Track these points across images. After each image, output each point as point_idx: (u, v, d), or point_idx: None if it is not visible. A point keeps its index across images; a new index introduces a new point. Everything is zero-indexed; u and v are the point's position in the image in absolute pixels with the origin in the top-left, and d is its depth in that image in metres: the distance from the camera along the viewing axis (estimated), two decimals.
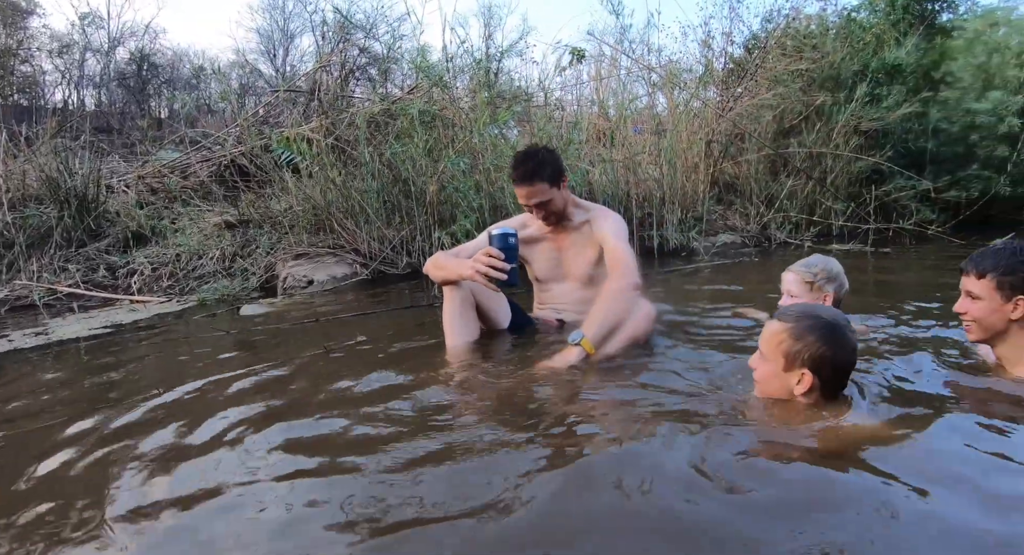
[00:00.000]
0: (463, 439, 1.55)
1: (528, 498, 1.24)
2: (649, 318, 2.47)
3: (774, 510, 1.20)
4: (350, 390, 2.07)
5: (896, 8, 9.71)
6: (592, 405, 1.86)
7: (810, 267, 2.59)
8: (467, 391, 2.03)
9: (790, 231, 6.54)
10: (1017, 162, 7.94)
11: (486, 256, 2.30)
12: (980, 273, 1.89)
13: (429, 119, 5.52)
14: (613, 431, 1.63)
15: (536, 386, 2.01)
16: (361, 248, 5.35)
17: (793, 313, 1.68)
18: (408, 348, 2.76)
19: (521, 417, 1.73)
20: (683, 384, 2.00)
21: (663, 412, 1.72)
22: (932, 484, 1.25)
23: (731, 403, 1.78)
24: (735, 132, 6.85)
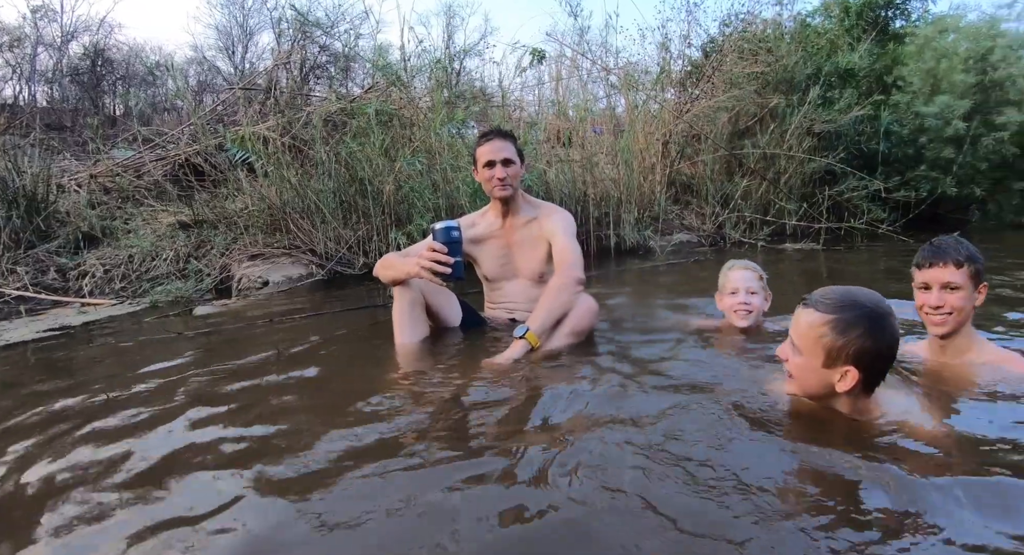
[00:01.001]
0: (406, 439, 1.54)
1: (470, 500, 1.23)
2: (592, 312, 2.52)
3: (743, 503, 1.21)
4: (300, 390, 2.06)
5: (850, 14, 9.97)
6: (534, 400, 1.87)
7: (754, 266, 2.67)
8: (414, 389, 2.02)
9: (744, 231, 6.67)
10: (962, 164, 8.24)
11: (429, 251, 2.32)
12: (958, 263, 1.91)
13: (386, 118, 5.49)
14: (553, 428, 1.63)
15: (481, 383, 2.02)
16: (317, 248, 5.30)
17: (833, 301, 1.49)
18: (360, 348, 2.75)
19: (466, 414, 1.74)
20: (621, 377, 2.03)
21: (606, 408, 1.73)
22: None
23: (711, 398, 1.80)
24: (691, 133, 6.96)
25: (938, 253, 1.95)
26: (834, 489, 1.25)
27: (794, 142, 7.09)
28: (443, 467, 1.38)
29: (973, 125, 8.19)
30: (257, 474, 1.38)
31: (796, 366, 1.56)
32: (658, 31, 7.71)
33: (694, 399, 1.77)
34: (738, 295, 2.60)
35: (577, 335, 2.47)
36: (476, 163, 2.79)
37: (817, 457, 1.39)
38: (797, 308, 1.57)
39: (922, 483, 1.25)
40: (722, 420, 1.59)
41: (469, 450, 1.47)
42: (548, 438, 1.54)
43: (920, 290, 2.00)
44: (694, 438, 1.48)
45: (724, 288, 2.67)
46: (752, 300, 2.59)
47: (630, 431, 1.52)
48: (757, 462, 1.36)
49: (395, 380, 2.14)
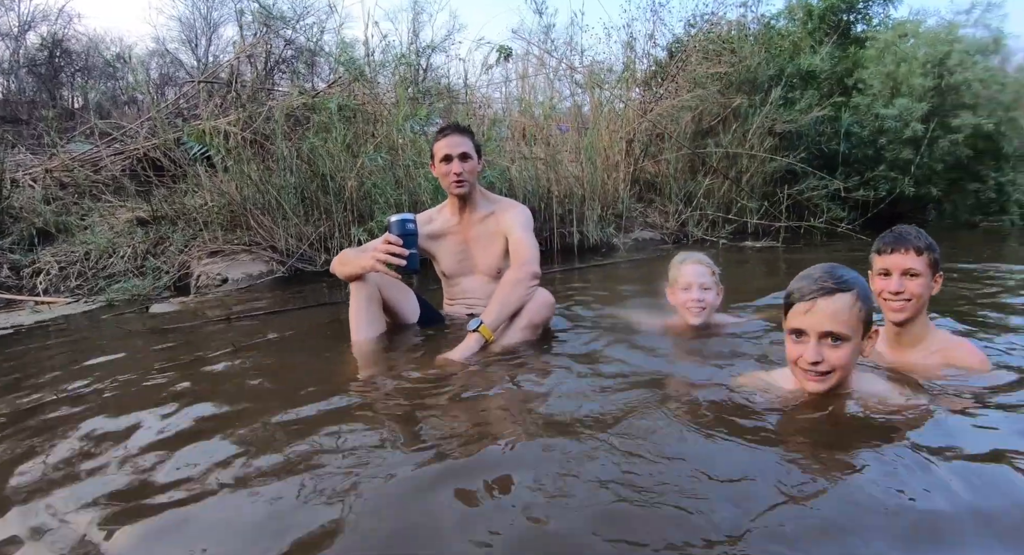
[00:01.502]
0: (359, 438, 1.52)
1: (427, 501, 1.22)
2: (547, 306, 2.51)
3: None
4: (255, 388, 2.02)
5: (813, 17, 10.17)
6: (488, 397, 1.86)
7: (707, 259, 2.61)
8: (368, 387, 2.00)
9: (707, 229, 6.77)
10: (920, 164, 8.45)
11: (384, 243, 2.30)
12: (919, 250, 1.94)
13: (350, 114, 5.45)
14: (507, 425, 1.62)
15: (435, 379, 2.00)
16: (278, 245, 5.23)
17: (842, 277, 1.54)
18: (317, 345, 2.72)
19: (419, 412, 1.71)
20: (577, 373, 2.02)
21: (564, 405, 1.71)
22: None
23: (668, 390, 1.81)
24: (655, 132, 7.03)
25: (900, 240, 1.98)
26: (839, 479, 1.26)
27: (756, 142, 7.22)
28: (397, 466, 1.36)
29: (930, 127, 8.39)
30: (209, 474, 1.35)
31: (843, 356, 1.54)
32: (623, 30, 7.75)
33: (652, 395, 1.76)
34: (691, 291, 2.52)
35: (533, 329, 2.45)
36: (433, 158, 2.76)
37: (793, 448, 1.40)
38: (818, 302, 1.52)
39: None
40: (681, 416, 1.58)
41: (423, 449, 1.44)
42: (502, 435, 1.52)
43: (880, 276, 2.02)
44: (653, 435, 1.47)
45: (676, 283, 2.58)
46: (705, 296, 2.52)
47: (588, 428, 1.52)
48: (728, 459, 1.34)
49: (350, 377, 2.12)
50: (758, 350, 2.24)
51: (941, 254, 1.99)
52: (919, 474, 1.24)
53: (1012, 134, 9.16)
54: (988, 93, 8.96)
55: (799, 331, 1.57)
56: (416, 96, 6.04)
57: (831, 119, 8.25)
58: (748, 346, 2.33)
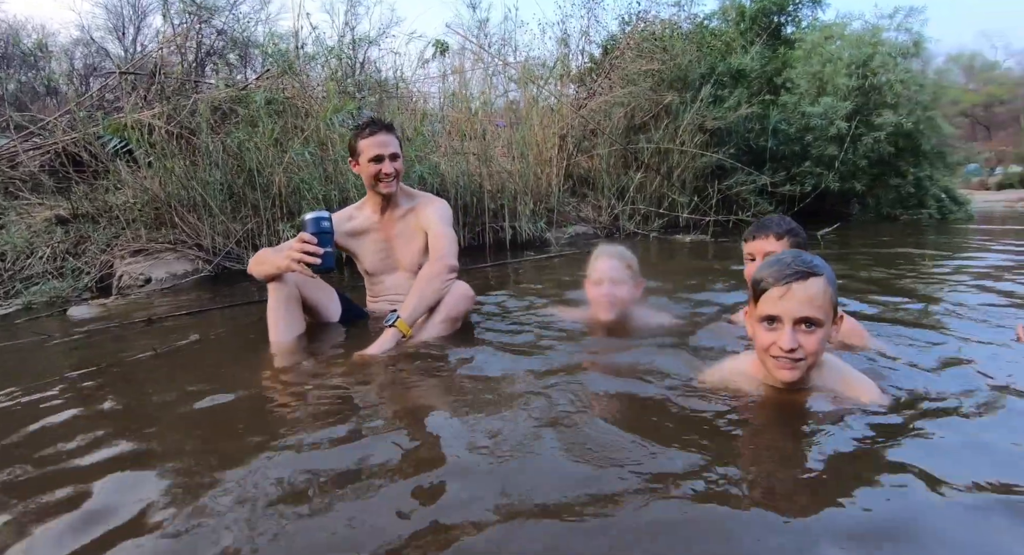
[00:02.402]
0: (275, 435, 1.49)
1: (334, 492, 1.21)
2: (466, 298, 2.50)
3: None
4: (171, 391, 1.95)
5: (745, 19, 10.51)
6: (405, 392, 1.84)
7: (623, 253, 2.53)
8: (286, 385, 1.96)
9: (639, 223, 6.91)
10: (844, 160, 8.83)
11: (298, 242, 2.24)
12: (779, 234, 2.11)
13: (278, 107, 5.35)
14: (425, 421, 1.60)
15: (351, 377, 1.97)
16: (204, 243, 5.09)
17: (803, 263, 1.52)
18: (241, 345, 2.63)
19: (336, 411, 1.68)
20: (498, 366, 2.01)
21: (484, 397, 1.71)
22: None
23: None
24: (589, 127, 7.14)
25: (761, 227, 2.17)
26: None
27: (687, 138, 7.40)
28: (313, 466, 1.33)
29: (853, 125, 8.78)
30: (125, 481, 1.31)
31: (817, 342, 1.51)
32: (557, 27, 7.83)
33: (567, 387, 1.76)
34: (603, 286, 2.43)
35: (451, 322, 2.44)
36: (357, 155, 2.68)
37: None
38: (793, 286, 1.50)
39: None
40: (596, 406, 1.60)
41: (339, 450, 1.42)
42: (422, 433, 1.50)
43: (748, 261, 2.20)
44: (576, 427, 1.47)
45: (591, 276, 2.50)
46: (616, 291, 2.43)
47: (510, 423, 1.49)
48: (658, 449, 1.36)
49: (269, 378, 2.06)
50: (669, 349, 2.20)
51: (806, 239, 2.16)
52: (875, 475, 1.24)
53: (930, 132, 9.66)
54: (908, 93, 9.42)
55: (772, 318, 1.53)
56: (348, 90, 5.98)
57: (760, 116, 8.54)
58: (658, 344, 2.26)
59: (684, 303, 3.06)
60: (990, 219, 11.99)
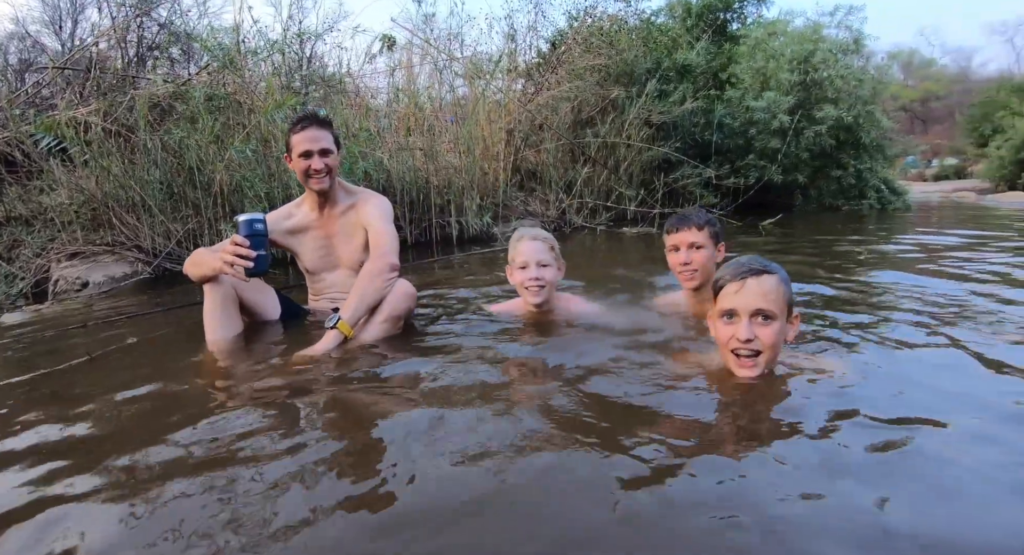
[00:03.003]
0: (212, 437, 1.46)
1: (271, 492, 1.19)
2: (408, 297, 2.46)
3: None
4: (105, 396, 1.87)
5: (692, 15, 10.71)
6: (348, 395, 1.82)
7: (544, 235, 2.51)
8: (223, 387, 1.92)
9: (586, 216, 6.99)
10: (787, 153, 9.09)
11: (231, 245, 2.20)
12: (699, 226, 2.28)
13: (220, 103, 5.26)
14: (358, 416, 1.59)
15: (290, 378, 1.94)
16: (143, 244, 4.95)
17: (759, 263, 1.64)
18: (178, 348, 2.55)
19: (274, 414, 1.65)
20: (440, 365, 2.00)
21: (429, 399, 1.68)
22: None
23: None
24: (536, 122, 7.18)
25: (683, 219, 2.32)
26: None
27: (633, 132, 7.52)
28: (251, 467, 1.31)
29: (796, 119, 9.05)
30: (63, 490, 1.27)
31: (772, 334, 1.61)
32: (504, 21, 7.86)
33: (509, 382, 1.76)
34: (529, 269, 2.39)
35: (394, 321, 2.40)
36: (290, 151, 2.62)
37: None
38: (747, 281, 1.61)
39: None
40: (538, 397, 1.61)
41: (278, 450, 1.39)
42: (362, 434, 1.48)
43: (671, 252, 2.34)
44: (519, 420, 1.48)
45: (514, 261, 2.46)
46: (544, 274, 2.40)
47: (452, 421, 1.49)
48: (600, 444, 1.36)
49: (204, 380, 2.02)
50: (600, 336, 2.21)
51: (722, 228, 2.32)
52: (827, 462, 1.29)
53: (869, 126, 9.98)
54: (848, 88, 9.73)
55: (731, 312, 1.64)
56: (292, 85, 5.91)
57: (705, 111, 8.72)
58: (595, 340, 2.24)
59: (619, 292, 3.09)
60: (927, 208, 12.53)
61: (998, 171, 19.66)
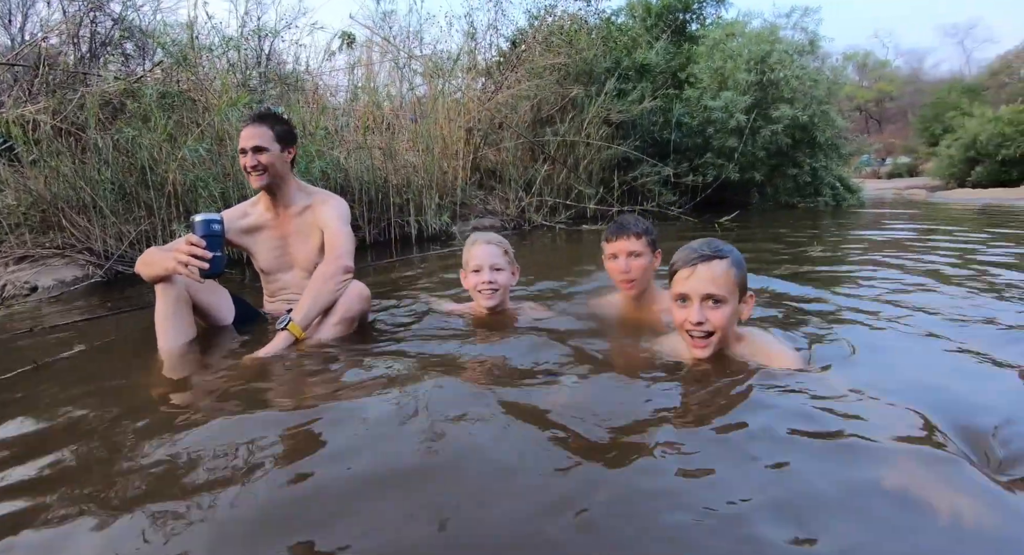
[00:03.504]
0: (161, 444, 1.43)
1: (222, 498, 1.18)
2: (362, 299, 2.43)
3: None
4: (53, 405, 1.82)
5: (652, 15, 10.87)
6: (300, 399, 1.80)
7: (499, 239, 2.51)
8: (174, 393, 1.87)
9: (546, 214, 7.05)
10: (744, 152, 9.30)
11: (186, 245, 2.15)
12: (638, 234, 2.27)
13: (172, 101, 5.18)
14: (310, 419, 1.56)
15: (244, 380, 1.90)
16: (95, 247, 4.83)
17: (718, 247, 1.73)
18: (127, 353, 2.48)
19: (225, 416, 1.62)
20: (395, 367, 1.97)
21: (383, 403, 1.66)
22: None
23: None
24: (496, 121, 7.21)
25: (622, 228, 2.30)
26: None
27: (592, 130, 7.60)
28: (201, 472, 1.30)
29: (753, 118, 9.25)
30: (5, 508, 1.24)
31: (723, 317, 1.71)
32: (464, 19, 7.87)
33: (463, 385, 1.75)
34: (482, 273, 2.41)
35: (347, 323, 2.37)
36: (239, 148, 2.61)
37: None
38: (698, 267, 1.71)
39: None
40: (494, 401, 1.61)
41: (228, 456, 1.37)
42: (314, 438, 1.46)
43: (610, 260, 2.33)
44: (476, 422, 1.48)
45: (467, 265, 2.47)
46: (497, 277, 2.41)
47: (406, 424, 1.49)
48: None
49: (158, 388, 1.96)
50: (559, 348, 2.14)
51: (658, 235, 2.35)
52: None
53: (824, 125, 10.28)
54: (803, 88, 9.99)
55: (684, 296, 1.74)
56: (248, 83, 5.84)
57: (663, 110, 8.86)
58: (548, 339, 2.20)
59: (569, 293, 3.12)
60: (881, 204, 12.94)
61: (948, 169, 20.38)
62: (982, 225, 6.92)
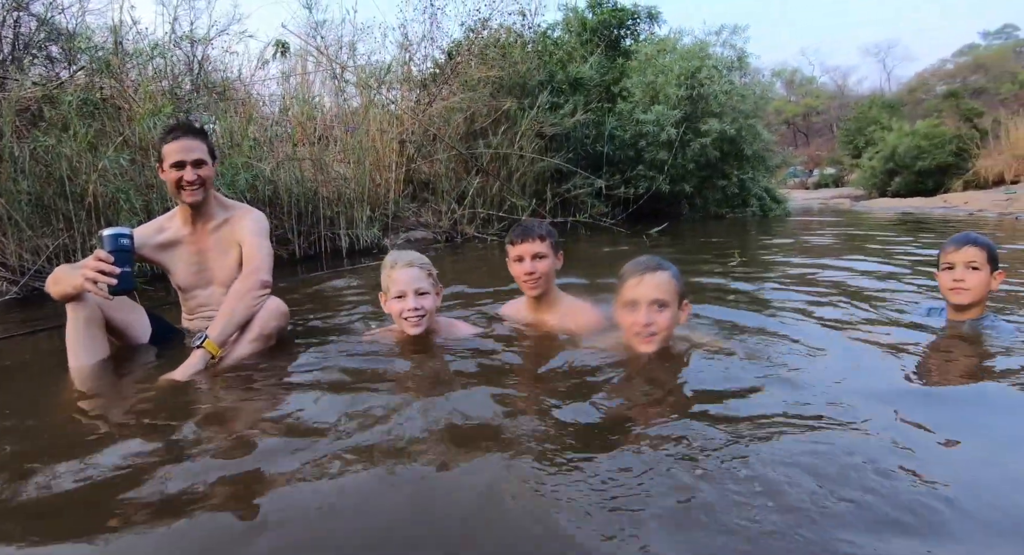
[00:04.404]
0: (72, 474, 1.40)
1: (137, 520, 1.18)
2: (279, 314, 2.40)
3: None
4: None
5: (587, 30, 11.16)
6: (213, 412, 1.78)
7: (421, 260, 2.38)
8: (84, 416, 1.81)
9: (479, 226, 7.14)
10: (674, 164, 9.62)
11: (94, 260, 2.07)
12: (542, 237, 2.38)
13: (93, 109, 5.03)
14: (226, 440, 1.56)
15: (159, 401, 1.87)
16: (9, 261, 4.64)
17: (654, 262, 2.02)
18: (38, 374, 2.41)
19: (139, 440, 1.58)
20: (305, 379, 1.99)
21: (304, 421, 1.66)
22: None
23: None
24: (429, 133, 7.26)
25: (527, 231, 2.41)
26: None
27: (525, 143, 7.74)
28: (115, 494, 1.28)
29: (682, 131, 9.60)
30: None
31: (667, 319, 1.98)
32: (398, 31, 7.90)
33: (385, 403, 1.74)
34: (406, 299, 2.25)
35: (264, 340, 2.34)
36: (162, 161, 2.48)
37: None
38: (650, 278, 1.97)
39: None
40: (415, 419, 1.64)
41: (141, 479, 1.35)
42: (231, 460, 1.44)
43: (515, 262, 2.42)
44: (397, 440, 1.49)
45: (388, 290, 2.30)
46: (423, 303, 2.26)
47: (323, 443, 1.49)
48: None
49: (66, 409, 1.90)
50: (488, 364, 2.15)
51: (558, 240, 2.47)
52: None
53: (751, 138, 10.72)
54: (731, 103, 10.41)
55: (633, 302, 1.98)
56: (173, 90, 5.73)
57: (596, 123, 9.11)
58: (478, 360, 2.17)
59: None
60: (808, 213, 13.59)
61: (870, 180, 21.52)
62: (899, 231, 7.50)
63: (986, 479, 1.26)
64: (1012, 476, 1.27)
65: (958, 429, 1.49)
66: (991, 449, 1.40)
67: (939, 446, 1.42)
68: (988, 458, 1.36)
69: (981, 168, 17.66)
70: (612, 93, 10.23)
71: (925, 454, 1.36)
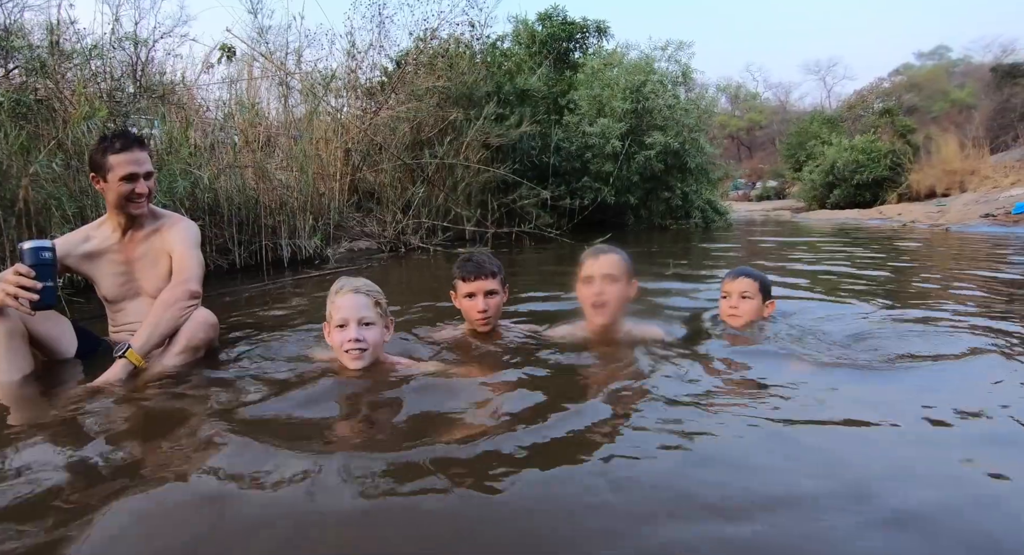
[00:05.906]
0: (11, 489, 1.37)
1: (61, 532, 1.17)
2: (208, 326, 2.37)
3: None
4: None
5: (536, 42, 11.37)
6: (134, 423, 1.75)
7: (369, 287, 2.13)
8: (6, 430, 1.76)
9: (423, 236, 7.15)
10: (619, 176, 9.88)
11: (14, 275, 2.04)
12: (494, 273, 2.47)
13: (24, 110, 4.90)
14: (145, 452, 1.54)
15: (79, 411, 1.83)
16: None
17: (607, 247, 2.46)
18: None
19: (59, 454, 1.55)
20: (231, 394, 1.96)
21: (225, 426, 1.65)
22: None
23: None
24: (375, 141, 7.26)
25: (479, 268, 2.43)
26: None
27: (471, 153, 7.84)
28: (38, 508, 1.27)
29: (628, 144, 9.87)
30: None
31: (617, 291, 2.37)
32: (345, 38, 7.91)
33: (318, 420, 1.74)
34: (348, 329, 2.02)
35: (191, 351, 2.30)
36: (103, 171, 2.41)
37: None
38: (604, 258, 2.38)
39: None
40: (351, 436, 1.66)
41: (65, 494, 1.34)
42: (150, 473, 1.43)
43: (466, 299, 2.46)
44: (331, 456, 1.47)
45: (331, 318, 2.07)
46: (366, 335, 2.02)
47: (249, 457, 1.47)
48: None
49: None
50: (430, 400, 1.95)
51: (505, 274, 2.56)
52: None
53: (694, 151, 11.06)
54: (676, 117, 10.75)
55: (589, 277, 2.38)
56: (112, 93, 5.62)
57: (542, 134, 9.30)
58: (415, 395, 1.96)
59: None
60: (750, 224, 14.11)
61: (810, 192, 22.37)
62: (837, 240, 7.92)
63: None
64: None
65: None
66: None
67: None
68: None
69: (914, 181, 18.61)
70: (560, 105, 10.44)
71: None
